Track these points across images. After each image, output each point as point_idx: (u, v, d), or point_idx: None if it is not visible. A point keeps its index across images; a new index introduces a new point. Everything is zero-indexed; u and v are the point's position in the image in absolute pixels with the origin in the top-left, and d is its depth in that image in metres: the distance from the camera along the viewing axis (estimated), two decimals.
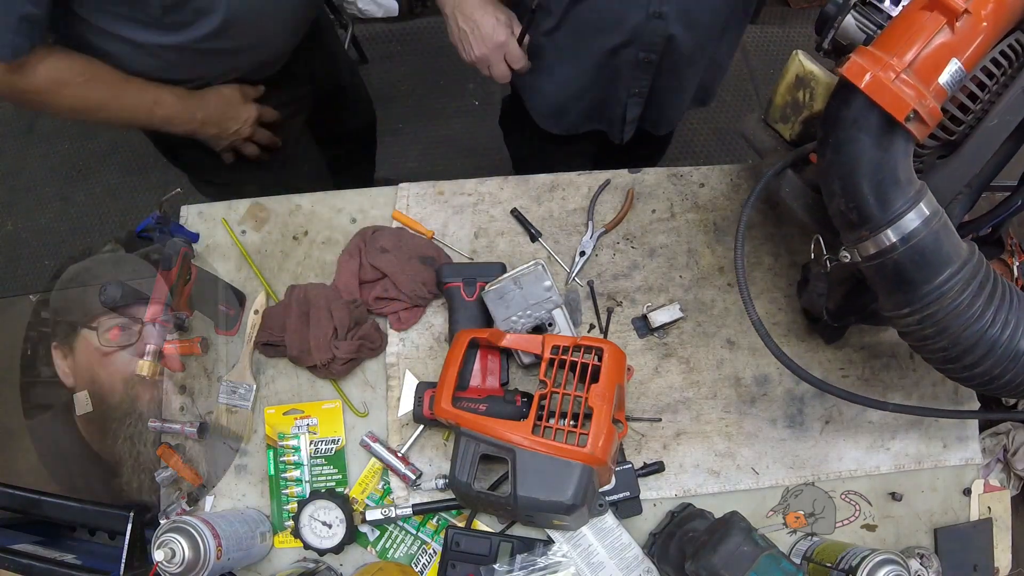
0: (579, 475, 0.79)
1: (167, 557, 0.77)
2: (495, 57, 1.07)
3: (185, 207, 1.10)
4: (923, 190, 0.66)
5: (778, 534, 0.95)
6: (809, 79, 0.84)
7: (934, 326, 0.67)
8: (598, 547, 0.89)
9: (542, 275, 0.94)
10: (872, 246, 0.67)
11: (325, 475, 0.96)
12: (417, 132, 2.46)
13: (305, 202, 1.10)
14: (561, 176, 1.10)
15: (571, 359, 0.85)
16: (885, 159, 0.65)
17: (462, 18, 1.05)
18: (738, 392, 1.00)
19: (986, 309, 0.66)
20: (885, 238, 0.66)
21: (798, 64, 0.85)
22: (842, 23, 0.76)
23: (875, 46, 0.65)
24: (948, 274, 0.66)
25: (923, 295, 0.67)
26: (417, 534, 0.94)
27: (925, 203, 0.66)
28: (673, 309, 1.01)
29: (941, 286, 0.66)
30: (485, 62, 1.09)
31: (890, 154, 0.65)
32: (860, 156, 0.65)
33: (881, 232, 0.66)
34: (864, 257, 0.69)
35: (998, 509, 0.97)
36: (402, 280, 0.99)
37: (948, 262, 0.66)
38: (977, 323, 0.66)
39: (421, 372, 1.01)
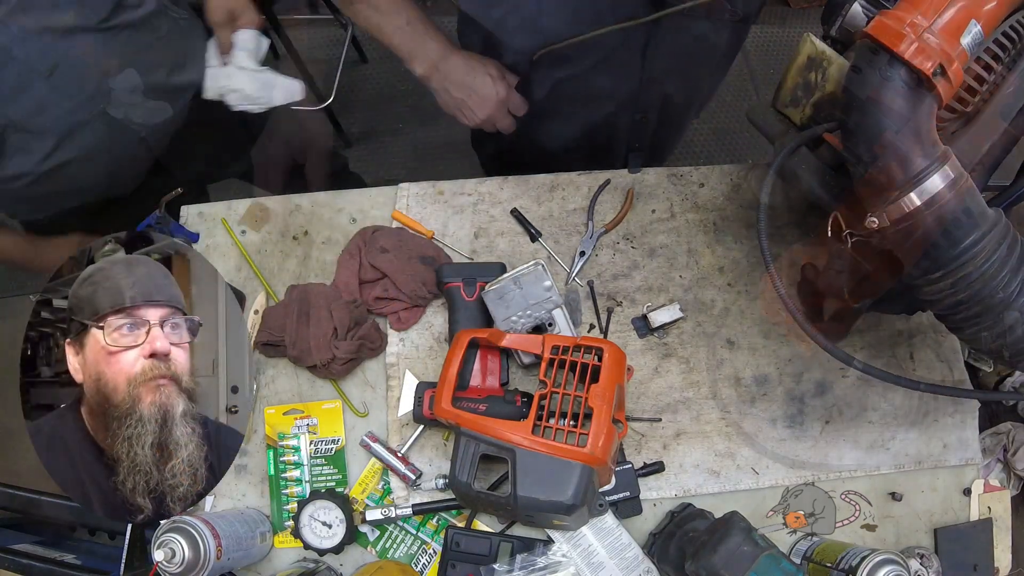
0: (579, 475, 0.79)
1: (167, 557, 0.77)
2: (500, 114, 1.02)
3: (185, 207, 1.10)
4: (948, 152, 0.66)
5: (778, 534, 0.95)
6: (821, 59, 0.83)
7: (967, 288, 0.66)
8: (598, 547, 0.89)
9: (542, 275, 0.94)
10: (904, 206, 0.66)
11: (325, 475, 0.96)
12: (417, 132, 2.46)
13: (305, 202, 1.10)
14: (561, 176, 1.11)
15: (571, 359, 0.85)
16: (913, 118, 0.64)
17: (454, 88, 1.00)
18: (738, 392, 1.00)
19: (1016, 272, 0.65)
20: (914, 199, 0.65)
21: (810, 45, 0.84)
22: (850, 10, 0.76)
23: (897, 9, 0.64)
24: (979, 235, 0.64)
25: (955, 256, 0.65)
26: (417, 534, 0.94)
27: (950, 166, 0.65)
28: (673, 309, 1.01)
29: (972, 247, 0.65)
30: (491, 122, 1.04)
31: (917, 113, 0.64)
32: (887, 115, 0.64)
33: (911, 192, 0.65)
34: (893, 221, 0.67)
35: (998, 509, 0.97)
36: (402, 280, 0.99)
37: (977, 224, 0.65)
38: (1009, 286, 0.65)
39: (421, 372, 1.01)
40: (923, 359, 1.02)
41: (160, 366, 0.90)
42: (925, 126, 0.65)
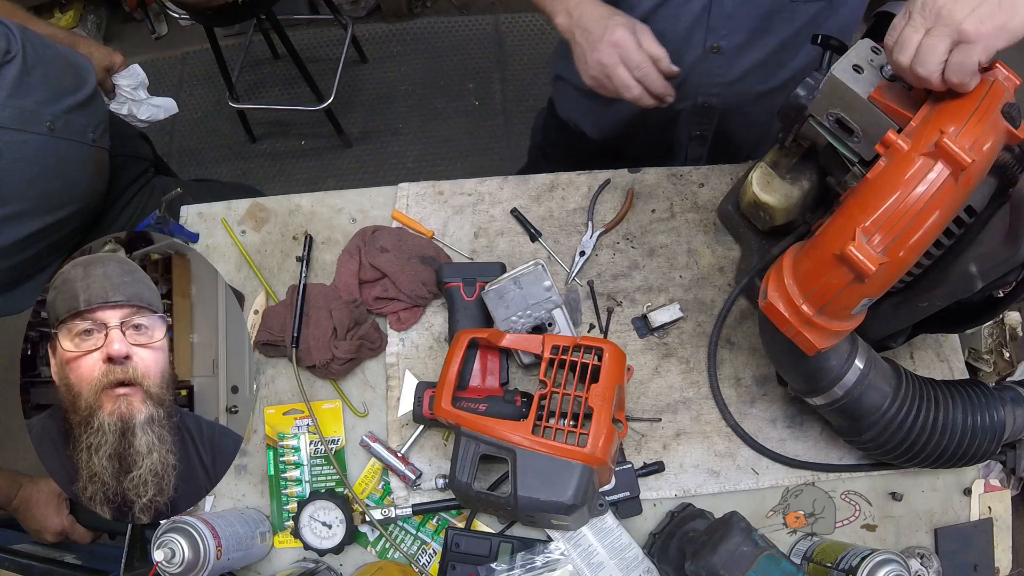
0: (579, 475, 0.79)
1: (167, 557, 0.77)
2: (611, 60, 0.87)
3: (185, 207, 1.10)
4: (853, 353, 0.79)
5: (778, 534, 0.95)
6: (764, 206, 0.92)
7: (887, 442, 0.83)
8: (598, 547, 0.89)
9: (542, 275, 0.94)
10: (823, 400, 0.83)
11: (325, 475, 0.96)
12: (417, 132, 2.47)
13: (305, 202, 1.10)
14: (561, 176, 1.11)
15: (571, 359, 0.85)
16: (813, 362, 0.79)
17: (578, 32, 0.91)
18: (738, 392, 1.00)
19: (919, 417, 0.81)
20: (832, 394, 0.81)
21: (752, 194, 0.92)
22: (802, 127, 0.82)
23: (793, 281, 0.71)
24: (884, 408, 0.81)
25: (870, 424, 0.82)
26: (417, 534, 0.94)
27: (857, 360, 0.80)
28: (673, 309, 1.01)
29: (881, 417, 0.81)
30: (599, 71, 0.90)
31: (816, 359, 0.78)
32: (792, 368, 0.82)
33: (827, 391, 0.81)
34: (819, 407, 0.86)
35: (998, 509, 0.97)
36: (402, 280, 0.99)
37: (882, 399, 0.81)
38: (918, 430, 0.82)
39: (421, 372, 1.01)
40: (923, 359, 1.02)
41: (117, 370, 0.87)
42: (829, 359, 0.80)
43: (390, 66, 2.56)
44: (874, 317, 0.78)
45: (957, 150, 0.60)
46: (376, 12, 2.63)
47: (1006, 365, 1.31)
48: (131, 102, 1.26)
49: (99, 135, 1.10)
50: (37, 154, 0.98)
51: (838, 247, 0.64)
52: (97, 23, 2.66)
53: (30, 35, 1.00)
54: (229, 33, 2.56)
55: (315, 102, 2.23)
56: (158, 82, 2.59)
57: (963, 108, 0.64)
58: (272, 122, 2.50)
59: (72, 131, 1.03)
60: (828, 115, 0.77)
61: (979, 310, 0.80)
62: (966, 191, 0.65)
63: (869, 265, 0.62)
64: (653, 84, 0.88)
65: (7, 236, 0.98)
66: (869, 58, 0.74)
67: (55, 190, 1.03)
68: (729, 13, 0.95)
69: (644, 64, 0.87)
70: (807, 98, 0.78)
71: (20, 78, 0.96)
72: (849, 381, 0.79)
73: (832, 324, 0.70)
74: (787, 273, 0.71)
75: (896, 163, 0.64)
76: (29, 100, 0.97)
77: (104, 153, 1.12)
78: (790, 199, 0.90)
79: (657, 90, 0.89)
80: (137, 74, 1.25)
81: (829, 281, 0.66)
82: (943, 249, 0.72)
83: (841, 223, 0.67)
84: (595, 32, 0.89)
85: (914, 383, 0.83)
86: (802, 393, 0.85)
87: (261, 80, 2.56)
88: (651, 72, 0.87)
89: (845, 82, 0.73)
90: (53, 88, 1.01)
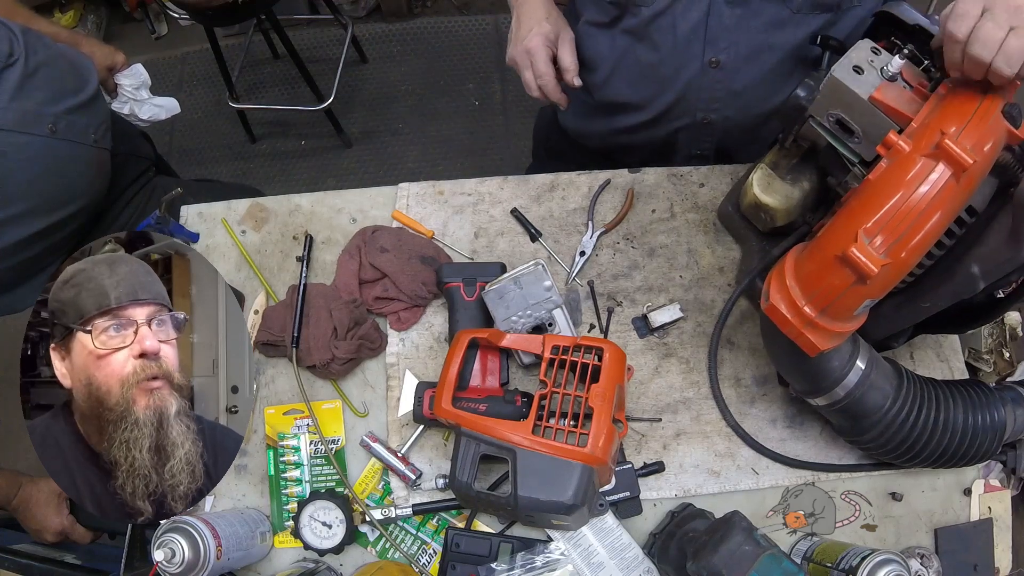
0: (579, 475, 0.79)
1: (167, 557, 0.77)
2: (523, 63, 0.99)
3: (185, 207, 1.10)
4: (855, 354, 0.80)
5: (778, 534, 0.95)
6: (765, 207, 0.92)
7: (888, 441, 0.83)
8: (598, 547, 0.89)
9: (542, 275, 0.94)
10: (824, 400, 0.84)
11: (325, 475, 0.96)
12: (417, 132, 2.47)
13: (305, 202, 1.10)
14: (561, 176, 1.10)
15: (571, 359, 0.85)
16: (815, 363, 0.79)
17: (515, 17, 1.02)
18: (738, 392, 1.00)
19: (920, 417, 0.82)
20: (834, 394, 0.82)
21: (752, 195, 0.92)
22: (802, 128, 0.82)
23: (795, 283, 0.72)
24: (885, 408, 0.81)
25: (871, 424, 0.82)
26: (417, 534, 0.94)
27: (859, 361, 0.80)
28: (673, 309, 1.01)
29: (883, 417, 0.81)
30: (513, 65, 1.02)
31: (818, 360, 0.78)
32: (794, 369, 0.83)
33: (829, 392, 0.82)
34: (821, 407, 0.86)
35: (998, 509, 0.97)
36: (402, 280, 0.99)
37: (884, 399, 0.81)
38: (919, 429, 0.82)
39: (421, 372, 1.00)
40: (923, 359, 1.02)
41: (151, 365, 0.88)
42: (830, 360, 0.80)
43: (390, 66, 2.56)
44: (876, 317, 0.78)
45: (958, 151, 0.60)
46: (376, 12, 2.63)
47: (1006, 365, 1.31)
48: (133, 102, 1.26)
49: (101, 136, 1.10)
50: (39, 155, 0.98)
51: (840, 249, 0.64)
52: (97, 23, 2.66)
53: (31, 36, 1.00)
54: (229, 33, 2.56)
55: (315, 102, 2.23)
56: (158, 82, 2.56)
57: (964, 109, 0.64)
58: (272, 122, 2.50)
59: (74, 132, 1.03)
60: (828, 116, 0.77)
61: (981, 310, 0.80)
62: (967, 192, 0.65)
63: (871, 266, 0.62)
64: (549, 93, 1.00)
65: (8, 237, 0.98)
66: (869, 59, 0.74)
67: (56, 191, 1.03)
68: (728, 25, 0.94)
69: (546, 76, 0.99)
70: (807, 99, 0.78)
71: (22, 80, 0.96)
72: (851, 382, 0.80)
73: (834, 325, 0.70)
74: (789, 275, 0.71)
75: (897, 164, 0.64)
76: (31, 102, 0.97)
77: (105, 154, 1.12)
78: (791, 200, 0.90)
79: (552, 98, 1.01)
80: (139, 74, 1.26)
81: (831, 282, 0.67)
82: (945, 250, 0.72)
83: (843, 224, 0.67)
84: (522, 29, 1.00)
85: (915, 383, 0.84)
86: (804, 394, 0.85)
87: (261, 80, 2.56)
88: (549, 84, 0.99)
89: (845, 83, 0.73)
90: (55, 89, 1.01)
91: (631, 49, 1.02)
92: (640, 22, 0.97)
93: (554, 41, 0.99)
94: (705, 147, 1.14)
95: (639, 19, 0.97)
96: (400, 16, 2.62)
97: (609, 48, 1.04)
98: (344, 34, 2.33)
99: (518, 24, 1.01)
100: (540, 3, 1.01)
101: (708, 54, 0.97)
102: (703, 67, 0.99)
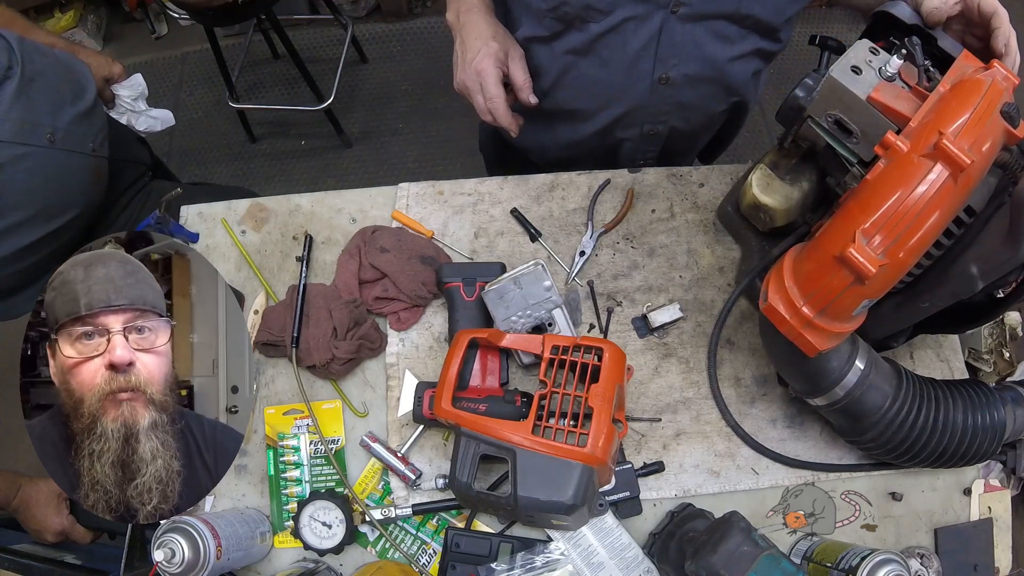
0: (579, 475, 0.79)
1: (167, 557, 0.77)
2: (473, 86, 0.94)
3: (185, 207, 1.10)
4: (854, 354, 0.80)
5: (778, 534, 0.95)
6: (764, 207, 0.92)
7: (888, 441, 0.83)
8: (598, 547, 0.89)
9: (542, 275, 0.94)
10: (824, 400, 0.84)
11: (325, 475, 0.97)
12: (417, 132, 2.47)
13: (305, 202, 1.10)
14: (561, 176, 1.11)
15: (571, 359, 0.85)
16: (814, 363, 0.79)
17: (458, 40, 0.96)
18: (738, 392, 1.00)
19: (920, 417, 0.82)
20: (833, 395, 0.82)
21: (752, 196, 0.92)
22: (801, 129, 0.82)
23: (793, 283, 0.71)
24: (885, 408, 0.81)
25: (871, 424, 0.83)
26: (417, 534, 0.94)
27: (858, 361, 0.80)
28: (673, 309, 1.01)
29: (882, 417, 0.82)
30: (463, 90, 0.96)
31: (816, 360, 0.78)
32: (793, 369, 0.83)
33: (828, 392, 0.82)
34: (820, 407, 0.86)
35: (998, 509, 0.97)
36: (402, 280, 0.99)
37: (883, 400, 0.81)
38: (919, 429, 0.82)
39: (421, 372, 1.01)
40: (923, 359, 1.02)
41: (119, 378, 0.84)
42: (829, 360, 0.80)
43: (390, 66, 2.57)
44: (875, 317, 0.78)
45: (956, 151, 0.60)
46: (376, 12, 2.64)
47: (1006, 365, 1.31)
48: (130, 113, 1.26)
49: (99, 144, 1.09)
50: (38, 166, 0.98)
51: (838, 249, 0.64)
52: (97, 23, 2.66)
53: (28, 46, 1.00)
54: (229, 33, 2.56)
55: (315, 102, 2.23)
56: (158, 82, 2.59)
57: (962, 108, 0.64)
58: (272, 122, 2.50)
59: (72, 142, 1.03)
60: (827, 116, 0.77)
61: (980, 310, 0.80)
62: (965, 192, 0.65)
63: (869, 267, 0.62)
64: (500, 118, 0.95)
65: (7, 246, 0.98)
66: (867, 59, 0.74)
67: (55, 200, 1.02)
68: (679, 42, 0.94)
69: (496, 99, 0.94)
70: (806, 99, 0.78)
71: (20, 92, 0.96)
72: (850, 382, 0.80)
73: (833, 325, 0.70)
74: (787, 275, 0.71)
75: (895, 164, 0.64)
76: (29, 113, 0.97)
77: (103, 162, 1.12)
78: (790, 200, 0.90)
79: (502, 123, 0.96)
80: (138, 84, 1.25)
81: (829, 283, 0.67)
82: (943, 250, 0.72)
83: (841, 225, 0.67)
84: (469, 51, 0.94)
85: (915, 383, 0.84)
86: (803, 394, 0.85)
87: (261, 80, 2.57)
88: (499, 107, 0.94)
89: (843, 83, 0.73)
90: (53, 99, 1.01)
91: (574, 65, 1.00)
92: (587, 38, 0.95)
93: (504, 60, 0.94)
94: (649, 155, 1.16)
95: (587, 35, 0.94)
96: (400, 16, 2.63)
97: (549, 60, 1.01)
98: (344, 34, 2.34)
99: (463, 47, 0.95)
100: (484, 22, 0.96)
101: (658, 71, 0.97)
102: (652, 84, 0.99)
